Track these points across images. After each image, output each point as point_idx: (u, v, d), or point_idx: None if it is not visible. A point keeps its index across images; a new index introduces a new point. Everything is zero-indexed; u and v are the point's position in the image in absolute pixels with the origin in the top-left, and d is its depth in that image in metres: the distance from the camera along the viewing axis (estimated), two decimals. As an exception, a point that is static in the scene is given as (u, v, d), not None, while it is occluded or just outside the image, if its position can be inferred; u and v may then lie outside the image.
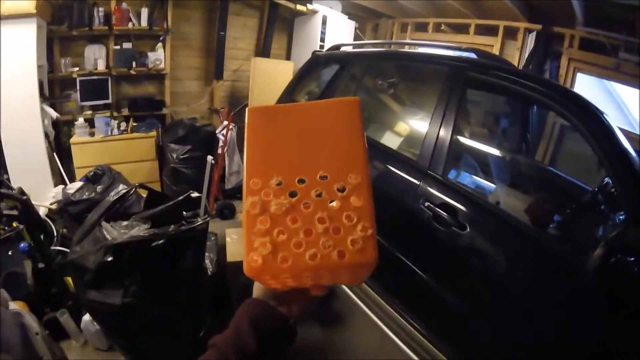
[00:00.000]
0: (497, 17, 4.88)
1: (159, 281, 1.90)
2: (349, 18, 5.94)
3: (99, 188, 3.05)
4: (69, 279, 2.40)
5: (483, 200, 2.00)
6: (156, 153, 4.22)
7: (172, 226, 1.88)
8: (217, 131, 4.31)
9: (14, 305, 1.74)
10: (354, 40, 5.85)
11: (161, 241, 1.82)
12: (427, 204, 2.05)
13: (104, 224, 1.99)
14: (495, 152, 2.61)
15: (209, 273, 2.43)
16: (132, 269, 1.84)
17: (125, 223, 2.01)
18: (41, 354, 1.69)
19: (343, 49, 3.47)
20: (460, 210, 1.94)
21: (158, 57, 4.53)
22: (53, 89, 4.19)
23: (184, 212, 2.10)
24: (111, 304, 1.84)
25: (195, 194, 2.21)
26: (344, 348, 2.59)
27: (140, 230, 1.90)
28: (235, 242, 2.78)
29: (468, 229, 1.87)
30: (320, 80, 3.47)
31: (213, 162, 3.07)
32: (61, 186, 3.48)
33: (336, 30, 5.61)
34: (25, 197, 2.27)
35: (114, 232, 1.93)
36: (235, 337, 0.63)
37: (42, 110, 3.64)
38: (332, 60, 3.34)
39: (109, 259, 1.80)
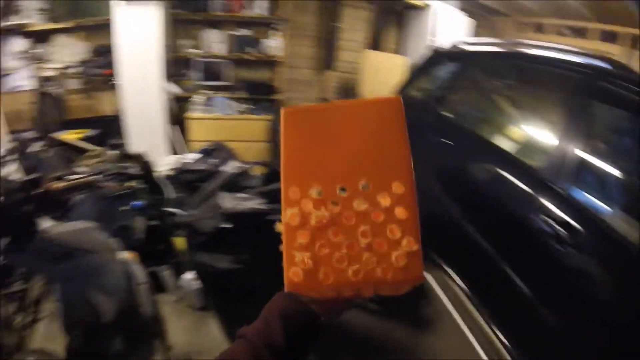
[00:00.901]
0: (622, 23, 4.42)
1: (267, 253, 1.98)
2: (463, 14, 5.72)
3: (213, 161, 3.25)
4: (177, 239, 2.60)
5: (603, 222, 1.84)
6: (271, 136, 4.42)
7: None
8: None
9: (124, 254, 1.85)
10: (470, 37, 5.63)
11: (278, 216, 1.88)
12: (544, 217, 1.92)
13: (222, 193, 2.13)
14: (617, 173, 2.38)
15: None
16: (246, 239, 1.95)
17: (242, 195, 2.14)
18: (141, 303, 1.80)
19: (462, 46, 3.31)
20: (580, 230, 1.80)
21: (273, 44, 4.71)
22: (173, 67, 4.54)
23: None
24: (219, 268, 1.98)
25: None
26: (428, 352, 2.53)
27: (256, 203, 1.98)
28: None
29: (583, 250, 1.75)
30: (436, 77, 3.35)
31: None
32: (175, 155, 3.77)
33: (450, 26, 5.44)
34: (147, 160, 2.47)
35: (231, 201, 2.05)
36: (265, 330, 0.61)
37: (164, 85, 4.07)
38: (451, 58, 3.23)
39: (227, 225, 1.92)
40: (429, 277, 2.62)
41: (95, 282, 1.56)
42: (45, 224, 1.33)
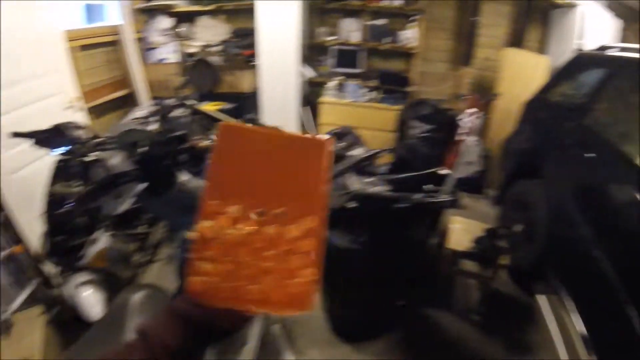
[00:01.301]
0: None
1: (386, 240, 2.04)
2: (612, 16, 5.13)
3: (341, 145, 3.40)
4: None
5: None
6: (399, 127, 4.49)
7: (419, 194, 1.98)
8: (458, 117, 4.32)
9: None
10: (619, 42, 5.07)
11: (405, 204, 1.93)
12: None
13: (349, 175, 2.22)
14: None
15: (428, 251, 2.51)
16: (368, 221, 2.02)
17: (369, 179, 2.21)
18: None
19: (610, 51, 2.99)
20: None
21: (409, 35, 4.70)
22: (309, 53, 4.82)
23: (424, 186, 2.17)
24: (335, 245, 2.04)
25: (444, 171, 2.27)
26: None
27: (382, 189, 2.05)
28: (459, 230, 2.74)
29: None
30: (579, 83, 3.12)
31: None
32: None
33: (598, 28, 4.94)
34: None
35: (358, 184, 2.13)
36: (163, 330, 0.63)
37: (300, 69, 4.37)
38: (597, 63, 2.98)
39: (352, 205, 1.97)
40: (543, 302, 2.47)
41: None
42: (184, 177, 1.39)
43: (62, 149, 2.08)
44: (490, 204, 3.96)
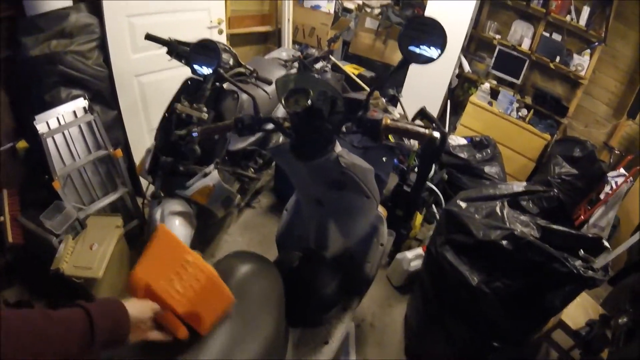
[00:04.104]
0: None
1: (520, 295, 1.75)
2: None
3: (478, 156, 2.99)
4: (418, 215, 2.53)
5: None
6: (539, 156, 3.91)
7: (577, 261, 1.67)
8: (609, 173, 3.68)
9: (380, 208, 1.74)
10: None
11: (560, 268, 1.62)
12: None
13: (503, 206, 1.87)
14: None
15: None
16: (511, 269, 1.72)
17: (523, 218, 1.86)
18: (371, 261, 1.69)
19: None
20: None
21: (582, 62, 4.03)
22: (470, 43, 4.29)
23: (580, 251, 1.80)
24: (465, 280, 1.80)
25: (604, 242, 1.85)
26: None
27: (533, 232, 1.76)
28: (576, 305, 2.26)
29: None
30: None
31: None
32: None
33: None
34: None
35: (517, 224, 1.81)
36: (105, 317, 0.76)
37: (459, 58, 3.88)
38: None
39: (504, 242, 1.70)
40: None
41: (345, 220, 1.47)
42: (338, 148, 1.21)
43: (200, 67, 1.87)
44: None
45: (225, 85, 2.15)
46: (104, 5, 2.43)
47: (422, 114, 1.30)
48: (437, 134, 1.03)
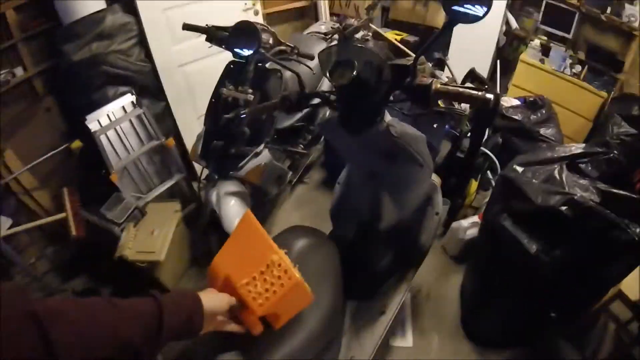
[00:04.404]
0: None
1: (578, 264, 1.67)
2: None
3: (532, 117, 2.85)
4: (474, 182, 2.48)
5: None
6: (596, 115, 3.67)
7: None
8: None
9: (435, 177, 1.71)
10: None
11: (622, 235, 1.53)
12: None
13: (562, 169, 1.77)
14: None
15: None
16: (572, 236, 1.64)
17: (582, 181, 1.74)
18: (426, 231, 1.68)
19: None
20: None
21: (634, 12, 3.69)
22: (518, 1, 4.00)
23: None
24: (522, 247, 1.73)
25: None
26: None
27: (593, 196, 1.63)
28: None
29: None
30: None
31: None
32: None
33: None
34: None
35: (578, 189, 1.69)
36: (175, 313, 0.76)
37: (505, 15, 3.69)
38: None
39: (563, 208, 1.61)
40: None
41: (399, 191, 1.43)
42: (388, 117, 1.19)
43: (241, 50, 1.89)
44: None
45: (267, 65, 2.16)
46: (138, 3, 2.50)
47: (472, 75, 1.25)
48: (490, 96, 0.98)
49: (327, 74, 1.10)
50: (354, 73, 1.04)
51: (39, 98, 2.48)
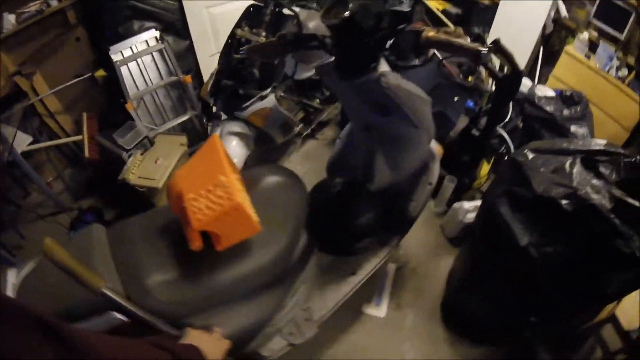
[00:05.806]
0: None
1: (573, 267, 1.59)
2: None
3: (566, 112, 2.73)
4: (485, 164, 2.43)
5: None
6: (635, 127, 3.43)
7: None
8: None
9: (435, 146, 1.69)
10: None
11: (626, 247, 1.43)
12: None
13: (574, 163, 1.67)
14: None
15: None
16: (569, 234, 1.56)
17: (596, 182, 1.63)
18: (416, 199, 1.67)
19: None
20: None
21: None
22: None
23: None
24: (514, 239, 1.65)
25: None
26: None
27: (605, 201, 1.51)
28: (635, 302, 2.03)
29: None
30: None
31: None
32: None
33: None
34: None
35: (586, 185, 1.59)
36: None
37: (555, 1, 3.53)
38: None
39: (564, 202, 1.54)
40: None
41: (392, 150, 1.40)
42: (384, 67, 1.13)
43: None
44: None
45: (284, 11, 2.13)
46: (170, -62, 2.49)
47: (496, 47, 1.19)
48: (482, 49, 0.92)
49: (321, 13, 1.08)
50: (347, 13, 1.01)
51: (70, 28, 2.58)
